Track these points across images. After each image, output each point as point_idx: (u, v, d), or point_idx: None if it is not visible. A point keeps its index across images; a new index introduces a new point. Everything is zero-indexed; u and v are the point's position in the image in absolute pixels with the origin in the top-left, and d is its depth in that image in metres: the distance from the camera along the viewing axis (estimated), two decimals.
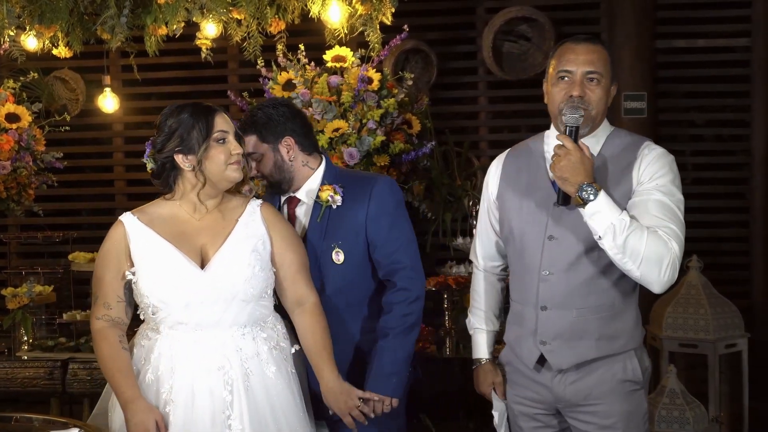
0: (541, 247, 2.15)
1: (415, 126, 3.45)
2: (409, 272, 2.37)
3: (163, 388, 2.08)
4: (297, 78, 3.39)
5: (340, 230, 2.38)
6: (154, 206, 2.23)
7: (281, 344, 2.22)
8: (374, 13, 3.40)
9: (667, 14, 4.62)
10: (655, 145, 2.17)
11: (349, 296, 2.38)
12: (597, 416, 2.13)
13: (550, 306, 2.14)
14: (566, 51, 2.14)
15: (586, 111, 2.08)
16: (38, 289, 3.49)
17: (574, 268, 2.11)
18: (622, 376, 2.13)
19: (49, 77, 4.59)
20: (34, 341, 3.38)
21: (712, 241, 4.64)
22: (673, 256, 2.00)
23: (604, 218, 1.98)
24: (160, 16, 3.34)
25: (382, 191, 2.40)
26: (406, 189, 3.52)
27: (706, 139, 4.76)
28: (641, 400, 2.17)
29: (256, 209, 2.25)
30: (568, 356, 2.13)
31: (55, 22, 3.34)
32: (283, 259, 2.25)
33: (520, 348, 2.21)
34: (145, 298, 2.13)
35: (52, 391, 3.18)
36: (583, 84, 2.10)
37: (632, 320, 2.17)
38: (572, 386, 2.14)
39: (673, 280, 2.03)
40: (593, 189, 1.98)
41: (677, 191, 2.11)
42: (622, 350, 2.14)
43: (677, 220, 2.07)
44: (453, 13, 4.76)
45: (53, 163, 3.86)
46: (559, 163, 2.01)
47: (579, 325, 2.12)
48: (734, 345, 3.46)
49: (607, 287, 2.12)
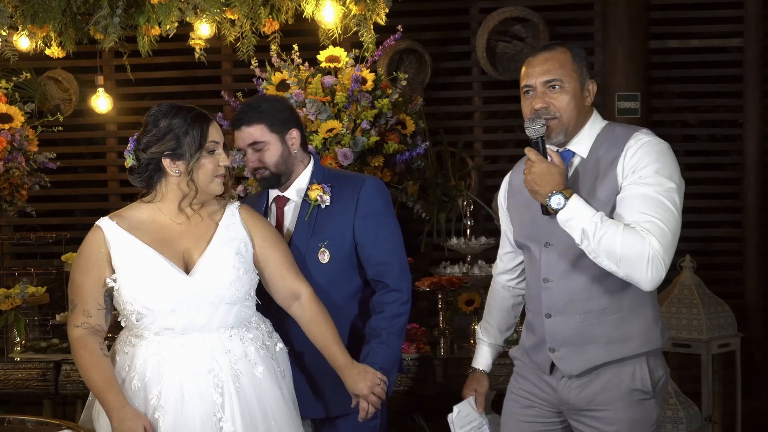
0: (539, 255, 2.16)
1: (409, 126, 3.45)
2: (399, 273, 2.40)
3: (151, 394, 2.06)
4: (291, 78, 3.38)
5: (327, 230, 2.40)
6: (132, 210, 2.19)
7: (266, 343, 2.22)
8: (368, 14, 3.41)
9: (660, 15, 4.63)
10: (646, 134, 2.09)
11: (333, 295, 2.40)
12: (600, 422, 2.09)
13: (554, 313, 2.13)
14: (527, 65, 2.15)
15: (554, 119, 2.08)
16: (31, 290, 3.47)
17: (572, 274, 2.10)
18: (629, 384, 2.08)
19: (41, 77, 4.58)
20: (27, 342, 3.36)
21: (705, 241, 4.66)
22: (653, 252, 1.92)
23: (577, 224, 1.96)
24: (153, 16, 3.33)
25: (371, 192, 2.42)
26: (400, 189, 3.51)
27: (699, 139, 4.77)
28: (650, 410, 2.10)
29: (235, 212, 2.26)
30: (578, 362, 2.10)
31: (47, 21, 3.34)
32: (267, 259, 2.26)
33: (536, 355, 2.21)
34: (128, 305, 2.10)
35: (45, 392, 3.16)
36: (544, 94, 2.09)
37: (646, 321, 2.10)
38: (578, 390, 2.12)
39: (661, 276, 1.95)
40: (562, 196, 1.97)
41: (665, 180, 2.01)
42: (635, 353, 2.08)
43: (664, 212, 1.98)
44: (447, 14, 4.76)
45: (46, 163, 3.84)
46: (527, 177, 2.03)
47: (585, 330, 2.09)
48: (727, 345, 3.46)
49: (610, 289, 2.08)
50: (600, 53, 4.63)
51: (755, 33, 4.54)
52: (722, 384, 3.56)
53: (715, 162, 4.73)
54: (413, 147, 3.46)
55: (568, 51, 2.12)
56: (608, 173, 2.05)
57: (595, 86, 2.17)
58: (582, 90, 2.12)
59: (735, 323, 3.49)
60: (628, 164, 2.03)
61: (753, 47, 4.54)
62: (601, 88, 4.62)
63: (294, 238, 2.43)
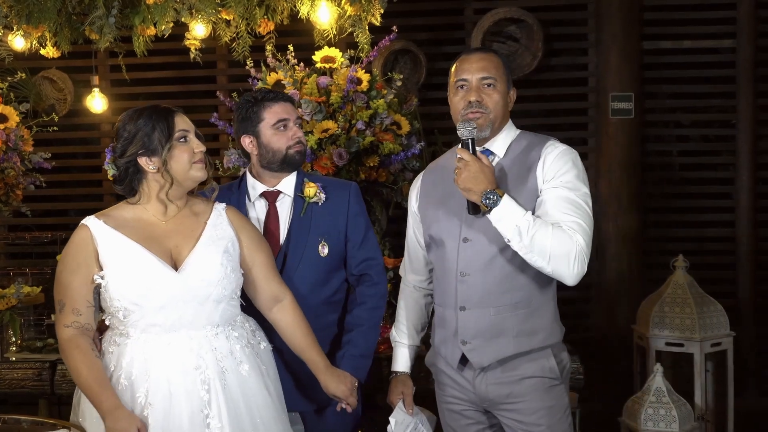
0: (456, 250, 2.24)
1: (404, 126, 3.46)
2: (381, 268, 2.59)
3: (139, 393, 2.07)
4: (286, 78, 3.39)
5: (324, 225, 2.52)
6: (118, 210, 2.22)
7: (251, 342, 2.25)
8: (363, 14, 3.41)
9: (653, 15, 4.65)
10: (559, 143, 2.24)
11: (330, 288, 2.54)
12: (520, 413, 2.21)
13: (468, 306, 2.22)
14: (462, 62, 2.29)
15: (484, 115, 2.21)
16: (26, 289, 3.47)
17: (490, 268, 2.20)
18: (540, 374, 2.21)
19: (36, 77, 4.57)
20: (23, 342, 3.37)
21: (697, 241, 4.69)
22: (579, 249, 2.07)
23: (509, 221, 2.07)
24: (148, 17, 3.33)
25: (357, 193, 2.60)
26: (395, 190, 3.53)
27: (692, 140, 4.80)
28: (561, 394, 2.25)
29: (222, 212, 2.30)
30: (488, 354, 2.21)
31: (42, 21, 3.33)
32: (254, 260, 2.30)
33: (445, 349, 2.30)
34: (115, 301, 2.11)
35: (40, 392, 3.16)
36: (479, 89, 2.23)
37: (550, 315, 2.25)
38: (493, 386, 2.22)
39: (584, 271, 2.10)
40: (496, 195, 2.08)
41: (583, 186, 2.17)
42: (541, 345, 2.21)
43: (583, 214, 2.12)
44: (441, 14, 4.78)
45: (41, 163, 3.84)
46: (461, 176, 2.12)
47: (497, 323, 2.20)
48: (719, 344, 3.49)
49: (523, 284, 2.20)
50: (594, 54, 4.65)
51: (748, 34, 4.56)
52: (714, 383, 3.58)
53: (707, 162, 4.76)
54: (408, 147, 3.48)
55: (500, 57, 2.29)
56: (528, 176, 2.19)
57: (515, 95, 2.33)
58: (507, 94, 2.28)
59: (728, 322, 3.51)
60: (550, 169, 2.17)
61: (746, 48, 4.57)
62: (594, 89, 4.66)
63: (293, 231, 2.51)
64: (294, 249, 2.49)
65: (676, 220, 4.72)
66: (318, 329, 2.47)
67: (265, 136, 2.50)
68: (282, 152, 2.50)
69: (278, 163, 2.52)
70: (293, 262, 2.49)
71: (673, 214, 4.73)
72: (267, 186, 2.55)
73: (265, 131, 2.50)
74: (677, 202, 4.73)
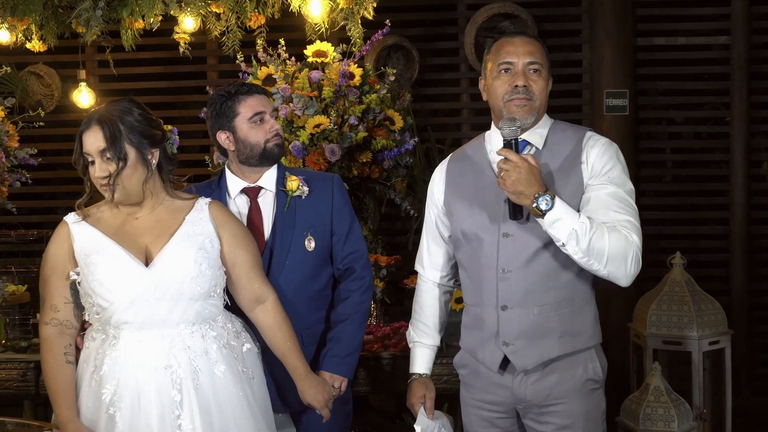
0: (496, 246, 2.12)
1: (397, 122, 3.41)
2: (366, 261, 2.54)
3: (105, 390, 2.06)
4: (277, 73, 3.34)
5: (309, 219, 2.48)
6: (99, 206, 2.25)
7: (231, 343, 2.20)
8: (356, 8, 3.37)
9: (647, 12, 4.63)
10: (597, 134, 2.17)
11: (318, 283, 2.49)
12: (556, 416, 2.12)
13: (510, 305, 2.11)
14: (505, 43, 2.14)
15: (530, 102, 2.09)
16: (11, 288, 3.42)
17: (532, 265, 2.10)
18: (583, 375, 2.13)
19: (23, 72, 4.51)
20: (7, 342, 3.31)
21: (691, 239, 4.67)
22: (636, 249, 2.01)
23: (565, 225, 1.97)
24: (136, 9, 3.27)
25: (341, 186, 2.56)
26: (388, 186, 3.48)
27: (686, 137, 4.78)
28: (600, 399, 2.18)
29: (204, 207, 2.25)
30: (532, 356, 2.11)
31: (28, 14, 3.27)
32: (236, 258, 2.24)
33: (483, 352, 2.18)
34: (89, 297, 2.11)
35: (25, 393, 3.10)
36: (526, 74, 2.10)
37: (592, 315, 2.18)
38: (534, 386, 2.13)
39: (638, 271, 2.04)
40: (549, 197, 1.97)
41: (628, 181, 2.10)
42: (584, 347, 2.14)
43: (633, 211, 2.06)
44: (434, 9, 4.74)
45: (27, 159, 3.77)
46: (510, 178, 1.99)
47: (541, 322, 2.10)
48: (717, 342, 3.46)
49: (567, 282, 2.11)
50: (587, 50, 4.63)
51: (742, 31, 4.54)
52: (712, 381, 3.56)
53: (701, 159, 4.74)
54: (401, 143, 3.42)
55: (543, 44, 2.17)
56: (572, 170, 2.09)
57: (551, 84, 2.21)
58: (549, 82, 2.18)
59: (725, 320, 3.48)
60: (595, 164, 2.08)
61: (740, 45, 4.55)
62: (588, 86, 4.63)
63: (277, 227, 2.46)
64: (280, 245, 2.44)
65: (670, 217, 4.70)
66: (307, 326, 2.45)
67: (242, 130, 2.45)
68: (260, 146, 2.45)
69: (257, 158, 2.46)
70: (280, 258, 2.44)
71: (667, 211, 4.71)
72: (247, 182, 2.50)
73: (241, 126, 2.45)
74: (670, 199, 4.71)
